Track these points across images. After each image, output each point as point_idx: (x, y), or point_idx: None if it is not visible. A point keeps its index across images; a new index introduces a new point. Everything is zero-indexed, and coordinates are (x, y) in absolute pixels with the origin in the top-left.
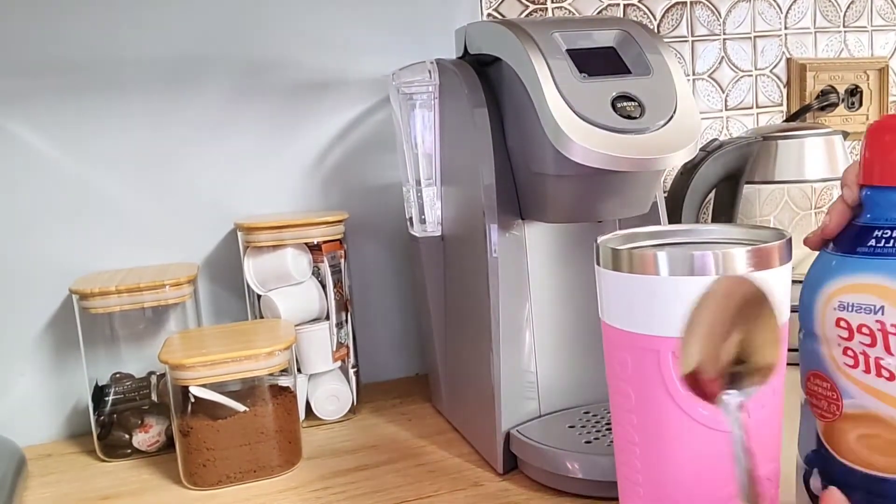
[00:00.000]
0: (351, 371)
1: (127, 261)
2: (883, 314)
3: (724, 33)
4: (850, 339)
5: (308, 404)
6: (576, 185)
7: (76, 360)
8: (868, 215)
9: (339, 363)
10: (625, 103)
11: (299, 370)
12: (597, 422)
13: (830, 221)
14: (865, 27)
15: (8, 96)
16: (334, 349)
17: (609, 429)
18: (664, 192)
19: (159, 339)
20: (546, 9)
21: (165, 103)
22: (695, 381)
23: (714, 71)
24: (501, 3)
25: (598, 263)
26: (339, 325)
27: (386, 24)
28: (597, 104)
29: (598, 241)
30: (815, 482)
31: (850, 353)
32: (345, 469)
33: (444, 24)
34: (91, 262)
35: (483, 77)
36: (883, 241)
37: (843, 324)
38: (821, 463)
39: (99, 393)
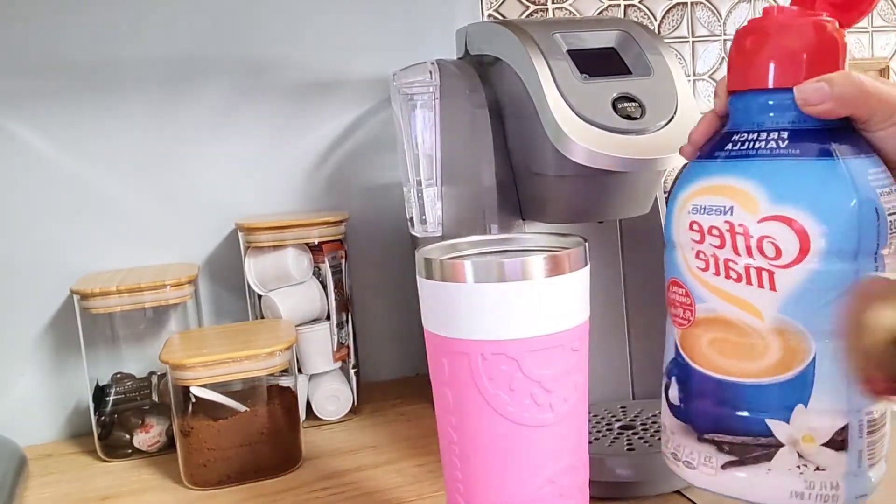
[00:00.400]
0: (351, 371)
1: (128, 261)
2: (732, 214)
3: (725, 34)
4: (701, 241)
5: (308, 404)
6: (576, 186)
7: (77, 360)
8: (732, 121)
9: (339, 363)
10: (625, 104)
11: (300, 370)
12: (596, 423)
13: (696, 129)
14: (866, 28)
15: (8, 96)
16: (335, 349)
17: (609, 429)
18: (665, 192)
19: (160, 340)
20: (547, 9)
21: (166, 103)
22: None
23: (715, 71)
24: (502, 3)
25: (417, 273)
26: (340, 326)
27: (386, 24)
28: (597, 105)
29: (417, 252)
30: (674, 392)
31: (701, 255)
32: (345, 469)
33: (445, 24)
34: (92, 262)
35: (484, 78)
36: (739, 144)
37: (695, 227)
38: (678, 371)
39: (99, 393)
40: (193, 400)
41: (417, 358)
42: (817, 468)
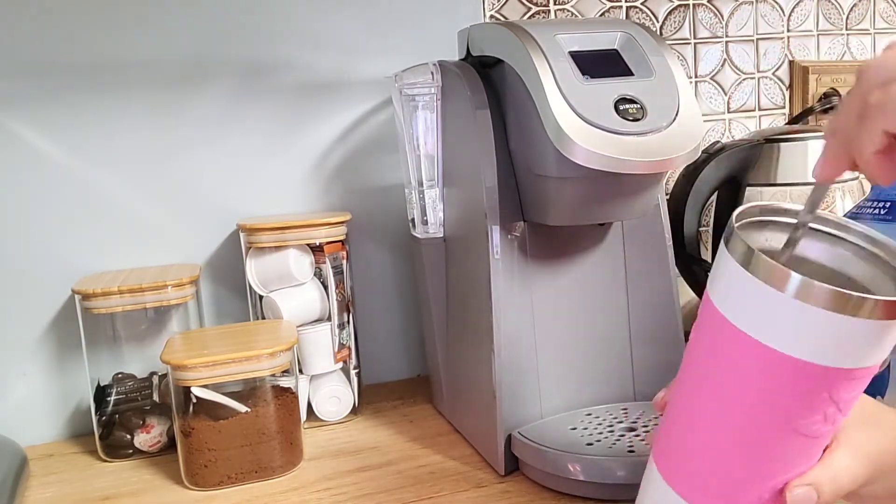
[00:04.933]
0: (352, 372)
1: (129, 261)
2: None
3: (727, 35)
4: None
5: (309, 405)
6: (578, 187)
7: (78, 361)
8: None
9: (340, 364)
10: (627, 105)
11: (301, 371)
12: (598, 424)
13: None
14: (868, 30)
15: (11, 97)
16: (336, 350)
17: (611, 430)
18: (666, 194)
19: (161, 340)
20: (549, 11)
21: (169, 104)
22: None
23: (716, 73)
24: (504, 4)
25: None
26: (341, 327)
27: (389, 25)
28: (599, 106)
29: (737, 225)
30: None
31: None
32: (346, 470)
33: (447, 25)
34: (93, 263)
35: (486, 79)
36: (861, 207)
37: None
38: None
39: (101, 393)
40: (194, 400)
41: (419, 359)
42: None
